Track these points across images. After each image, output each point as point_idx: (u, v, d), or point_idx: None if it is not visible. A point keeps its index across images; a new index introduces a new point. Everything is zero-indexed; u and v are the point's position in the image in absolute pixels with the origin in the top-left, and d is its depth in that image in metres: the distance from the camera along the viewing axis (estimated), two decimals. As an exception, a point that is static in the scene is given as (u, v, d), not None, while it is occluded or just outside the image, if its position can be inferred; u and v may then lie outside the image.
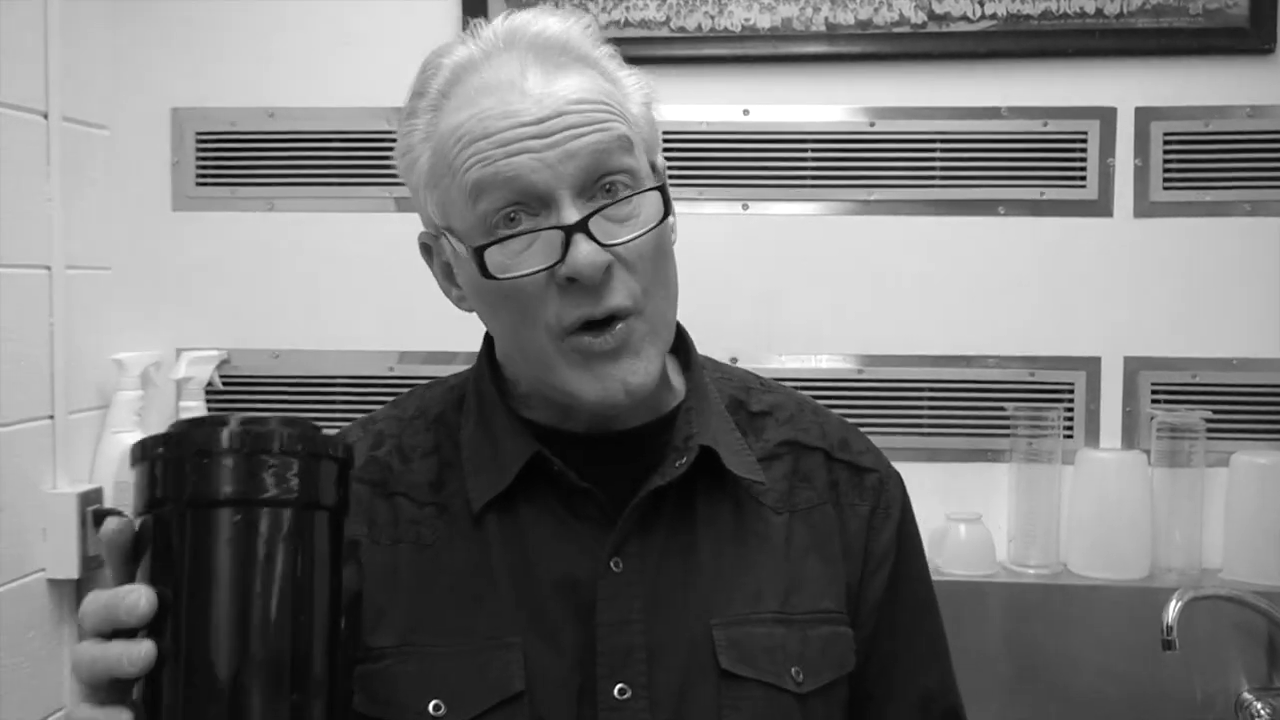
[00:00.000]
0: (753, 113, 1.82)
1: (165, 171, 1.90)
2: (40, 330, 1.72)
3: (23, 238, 1.68)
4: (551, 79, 0.86)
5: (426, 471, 0.96)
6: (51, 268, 1.73)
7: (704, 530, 0.94)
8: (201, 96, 1.90)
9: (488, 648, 0.89)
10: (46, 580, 1.73)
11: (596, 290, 0.85)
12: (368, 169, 1.88)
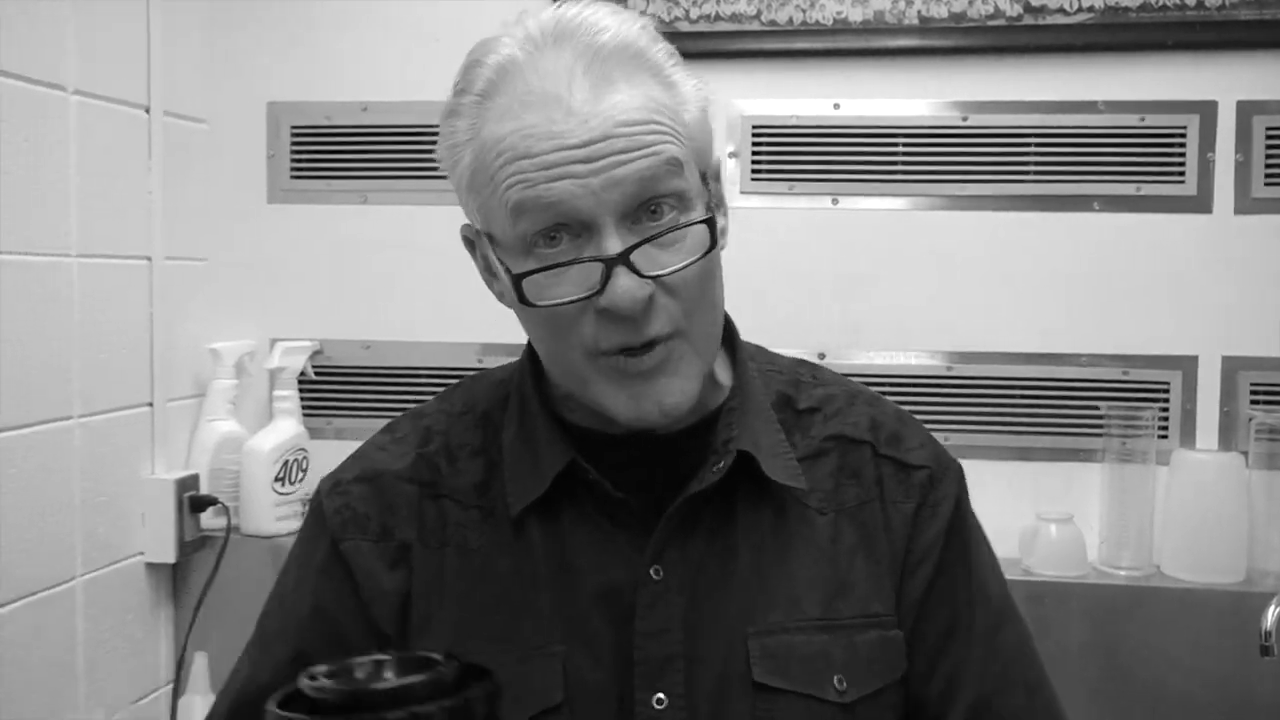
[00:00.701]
0: (843, 106, 1.81)
1: (261, 165, 1.93)
2: (140, 320, 1.76)
3: (125, 229, 1.73)
4: (600, 94, 0.81)
5: (473, 473, 0.95)
6: (151, 258, 1.78)
7: (744, 535, 0.92)
8: (297, 90, 1.93)
9: (530, 656, 0.88)
10: (145, 564, 1.77)
11: (635, 320, 0.83)
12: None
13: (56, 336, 1.58)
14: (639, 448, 0.92)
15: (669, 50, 0.88)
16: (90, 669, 1.66)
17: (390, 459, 0.97)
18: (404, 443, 0.98)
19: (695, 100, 0.87)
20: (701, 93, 0.89)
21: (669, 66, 0.87)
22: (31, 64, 1.53)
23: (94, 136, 1.65)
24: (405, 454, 0.97)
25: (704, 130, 0.89)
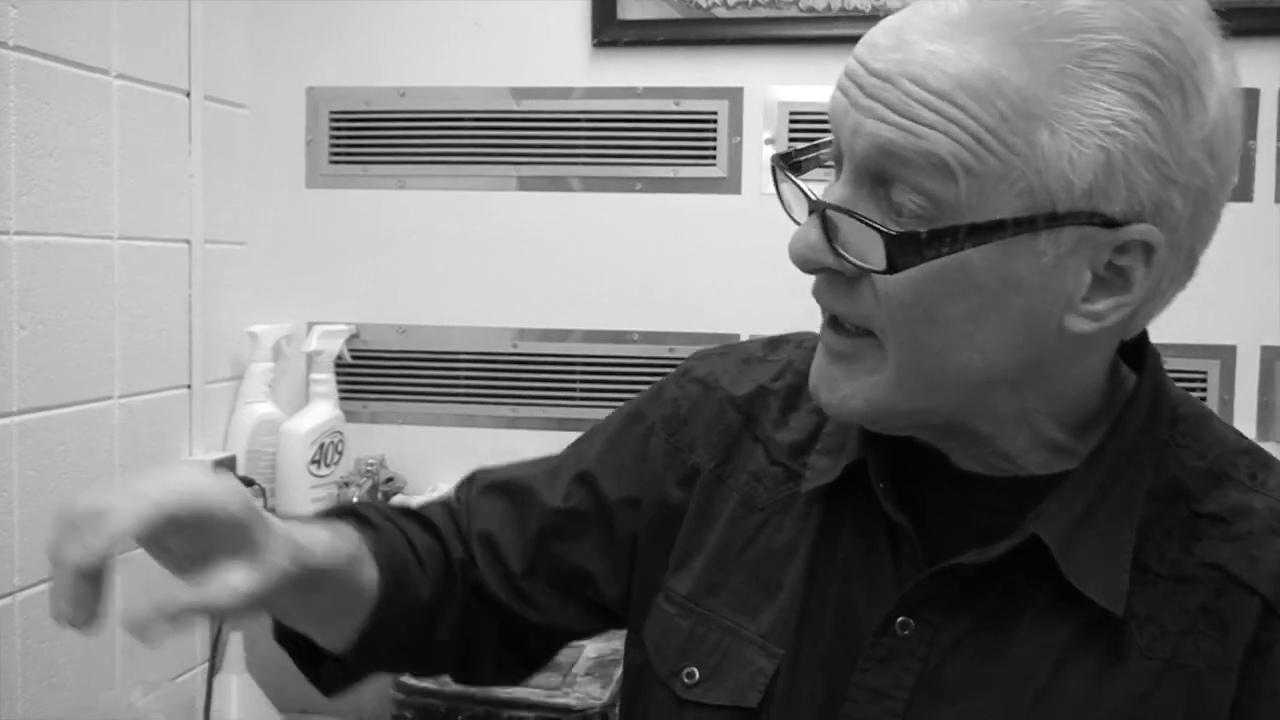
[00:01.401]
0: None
1: (300, 149, 1.95)
2: (180, 302, 1.78)
3: (165, 212, 1.75)
4: (923, 35, 0.66)
5: (799, 430, 0.84)
6: (191, 242, 1.80)
7: (1025, 636, 0.73)
8: (336, 76, 1.94)
9: (751, 642, 0.80)
10: (183, 543, 1.79)
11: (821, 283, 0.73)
12: (493, 148, 1.91)
13: (99, 317, 1.60)
14: (962, 485, 0.77)
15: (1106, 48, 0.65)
16: (128, 646, 1.68)
17: (735, 379, 0.89)
18: (760, 368, 0.89)
19: (1096, 125, 0.65)
20: (1111, 120, 0.65)
21: (1071, 68, 0.65)
22: (76, 47, 1.55)
23: (136, 120, 1.67)
24: (752, 381, 0.89)
25: (1084, 166, 0.65)
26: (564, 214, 1.90)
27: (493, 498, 0.91)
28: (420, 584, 0.83)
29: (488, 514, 0.90)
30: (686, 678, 0.81)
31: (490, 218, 1.92)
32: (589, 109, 1.87)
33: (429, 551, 0.86)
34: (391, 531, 0.84)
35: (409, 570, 0.83)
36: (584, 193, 1.89)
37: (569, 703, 1.40)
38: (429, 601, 0.84)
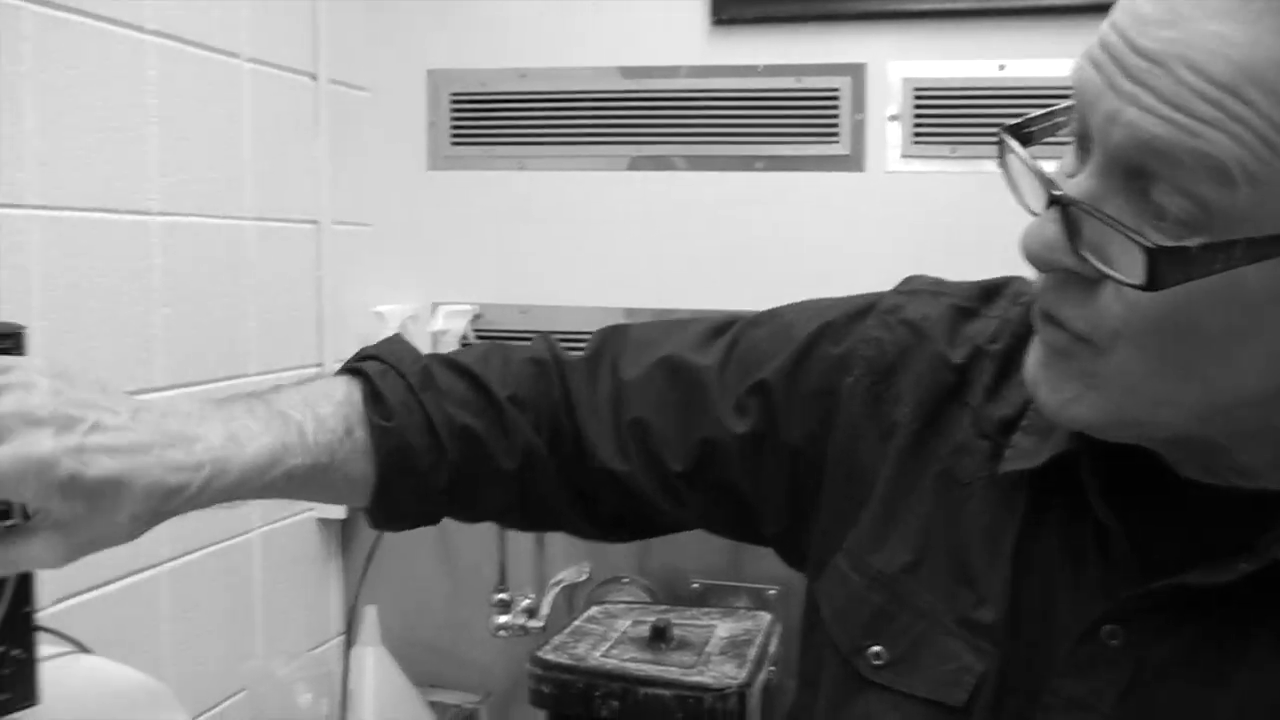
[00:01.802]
0: (1009, 68, 1.77)
1: (422, 131, 1.97)
2: (309, 282, 1.81)
3: (295, 194, 1.78)
4: (1212, 15, 0.56)
5: (1010, 403, 0.75)
6: (320, 222, 1.82)
7: (1254, 666, 0.65)
8: (456, 58, 1.96)
9: (957, 636, 0.73)
10: (316, 519, 1.83)
11: (1046, 280, 0.65)
12: (609, 128, 1.91)
13: (234, 297, 1.64)
14: (1181, 492, 0.70)
15: None
16: (268, 618, 1.72)
17: (949, 333, 0.80)
18: (975, 323, 0.80)
19: None
20: None
21: None
22: (209, 32, 1.58)
23: (265, 103, 1.70)
24: (968, 341, 0.79)
25: None
26: (681, 193, 1.89)
27: (656, 379, 0.84)
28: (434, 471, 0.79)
29: (645, 397, 0.84)
30: (874, 658, 0.75)
31: (607, 198, 1.92)
32: (707, 87, 1.87)
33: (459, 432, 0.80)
34: (410, 416, 0.78)
35: (417, 461, 0.78)
36: (702, 171, 1.88)
37: (705, 681, 1.40)
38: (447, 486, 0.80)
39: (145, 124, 1.46)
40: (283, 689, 1.52)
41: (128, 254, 1.44)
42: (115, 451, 0.66)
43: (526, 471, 0.83)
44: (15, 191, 1.27)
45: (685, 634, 1.57)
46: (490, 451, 0.81)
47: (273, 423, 0.74)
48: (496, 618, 1.77)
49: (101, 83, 1.39)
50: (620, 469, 0.84)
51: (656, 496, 0.85)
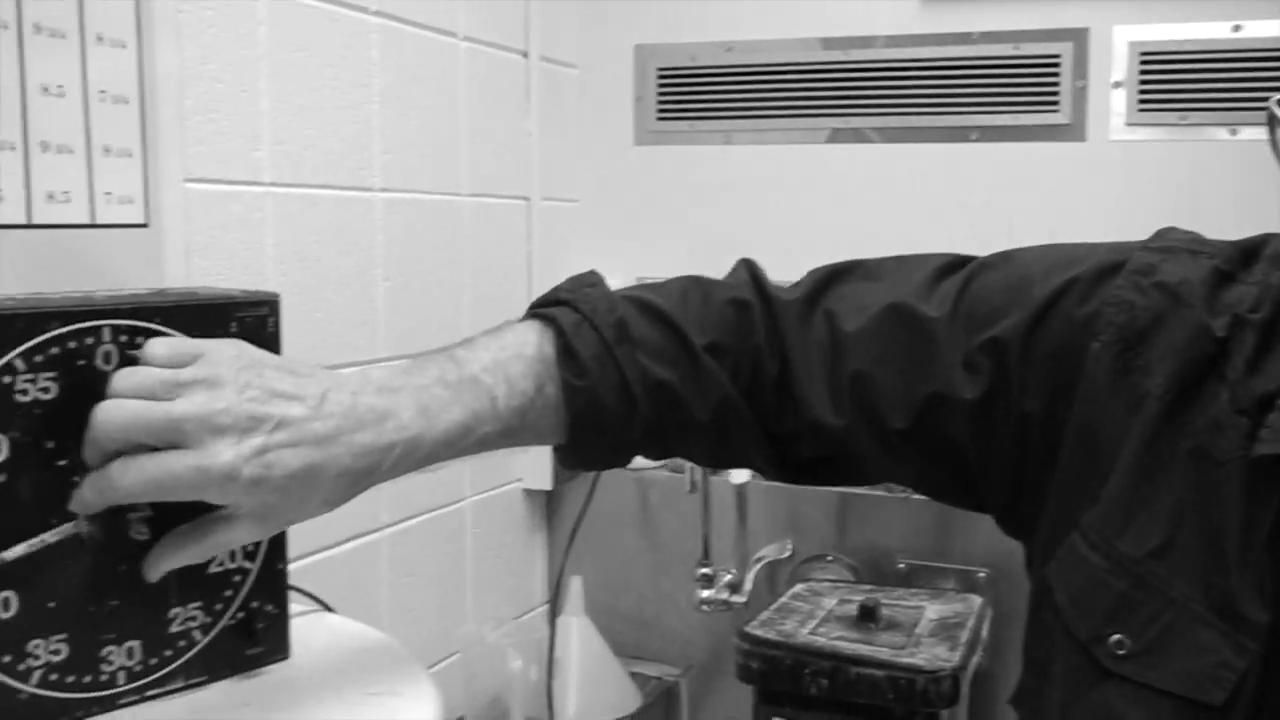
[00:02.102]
0: (1245, 29, 1.68)
1: (628, 107, 1.98)
2: (520, 257, 1.84)
3: (507, 170, 1.81)
4: None
5: (1273, 377, 0.70)
6: (530, 199, 1.85)
7: None
8: (663, 33, 1.96)
9: (1215, 628, 0.69)
10: (522, 490, 1.87)
11: None
12: (819, 100, 1.89)
13: (449, 271, 1.68)
14: None
15: None
16: (476, 585, 1.76)
17: (1209, 299, 0.73)
18: (1234, 289, 0.74)
19: None
20: None
21: None
22: (427, 11, 1.61)
23: (480, 81, 1.73)
24: (1227, 309, 0.73)
25: None
26: (888, 165, 1.85)
27: (879, 329, 0.79)
28: (626, 427, 0.78)
29: (866, 348, 0.79)
30: (1115, 647, 0.71)
31: (817, 171, 1.90)
32: (915, 57, 1.82)
33: (654, 389, 0.78)
34: (604, 373, 0.76)
35: (608, 419, 0.77)
36: (913, 144, 1.84)
37: (917, 663, 1.37)
38: (639, 440, 0.79)
39: (369, 103, 1.50)
40: (494, 654, 1.55)
41: (352, 229, 1.49)
42: (301, 446, 0.67)
43: (720, 422, 0.80)
44: (252, 169, 1.33)
45: (894, 614, 1.54)
46: (684, 404, 0.79)
47: (464, 390, 0.74)
48: (700, 592, 1.78)
49: (329, 64, 1.43)
50: (833, 422, 0.79)
51: (870, 452, 0.80)
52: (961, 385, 0.76)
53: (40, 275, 1.08)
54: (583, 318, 0.78)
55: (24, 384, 0.68)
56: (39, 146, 1.08)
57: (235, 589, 0.79)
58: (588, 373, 0.76)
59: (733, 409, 0.80)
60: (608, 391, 0.77)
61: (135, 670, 0.75)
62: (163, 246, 1.21)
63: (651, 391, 0.77)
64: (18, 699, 0.70)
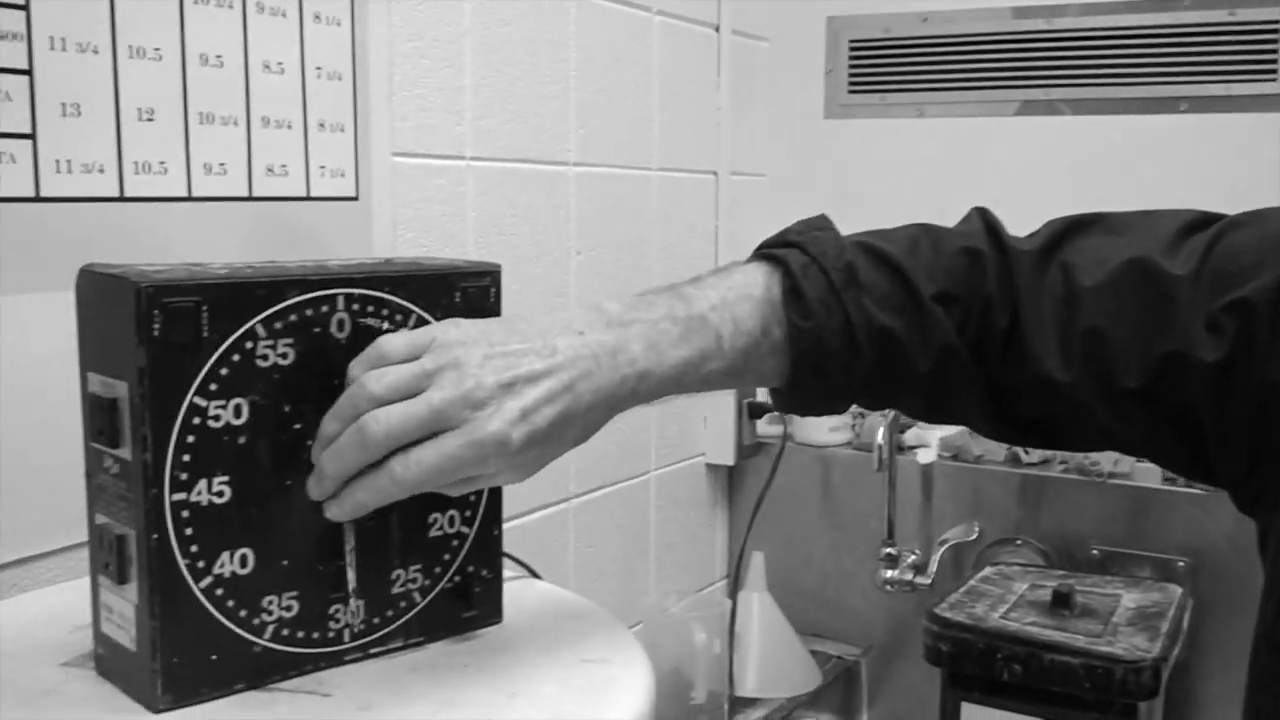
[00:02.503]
0: None
1: (819, 80, 1.96)
2: (707, 232, 1.84)
3: (696, 145, 1.81)
4: None
5: None
6: (718, 173, 1.85)
7: None
8: (855, 3, 1.93)
9: None
10: (705, 464, 1.87)
11: None
12: (1017, 70, 1.83)
13: (638, 246, 1.69)
14: None
15: None
16: (659, 557, 1.78)
17: None
18: None
19: None
20: None
21: None
22: (623, -13, 1.63)
23: (672, 55, 1.73)
24: None
25: None
26: (1096, 138, 1.79)
27: (1117, 285, 0.76)
28: (849, 373, 0.77)
29: (1103, 304, 0.76)
30: None
31: (1014, 145, 1.85)
32: (1125, 24, 1.75)
33: (877, 335, 0.76)
34: (830, 316, 0.76)
35: (830, 363, 0.76)
36: (1112, 115, 1.77)
37: (1116, 652, 1.33)
38: (859, 387, 0.78)
39: (566, 78, 1.52)
40: (678, 626, 1.56)
41: (547, 203, 1.51)
42: (553, 398, 0.70)
43: (941, 373, 0.79)
44: (455, 144, 1.35)
45: (1088, 601, 1.50)
46: (907, 353, 0.78)
47: (692, 328, 0.76)
48: (884, 572, 1.76)
49: (529, 40, 1.45)
50: (1061, 379, 0.76)
51: (1099, 411, 0.77)
52: (1202, 346, 0.72)
53: (257, 246, 1.12)
54: (811, 260, 0.78)
55: (264, 349, 0.71)
56: (260, 122, 1.12)
57: (453, 553, 0.81)
58: (813, 314, 0.76)
59: (955, 360, 0.78)
60: (832, 335, 0.76)
61: (358, 629, 0.78)
62: (371, 219, 1.25)
63: (875, 337, 0.77)
64: (252, 651, 0.73)
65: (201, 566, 0.70)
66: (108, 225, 1.00)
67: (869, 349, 0.77)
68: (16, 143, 0.94)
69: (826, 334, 0.76)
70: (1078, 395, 0.77)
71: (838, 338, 0.76)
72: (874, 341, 0.77)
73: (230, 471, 0.70)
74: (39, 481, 0.96)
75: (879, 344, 0.77)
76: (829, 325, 0.76)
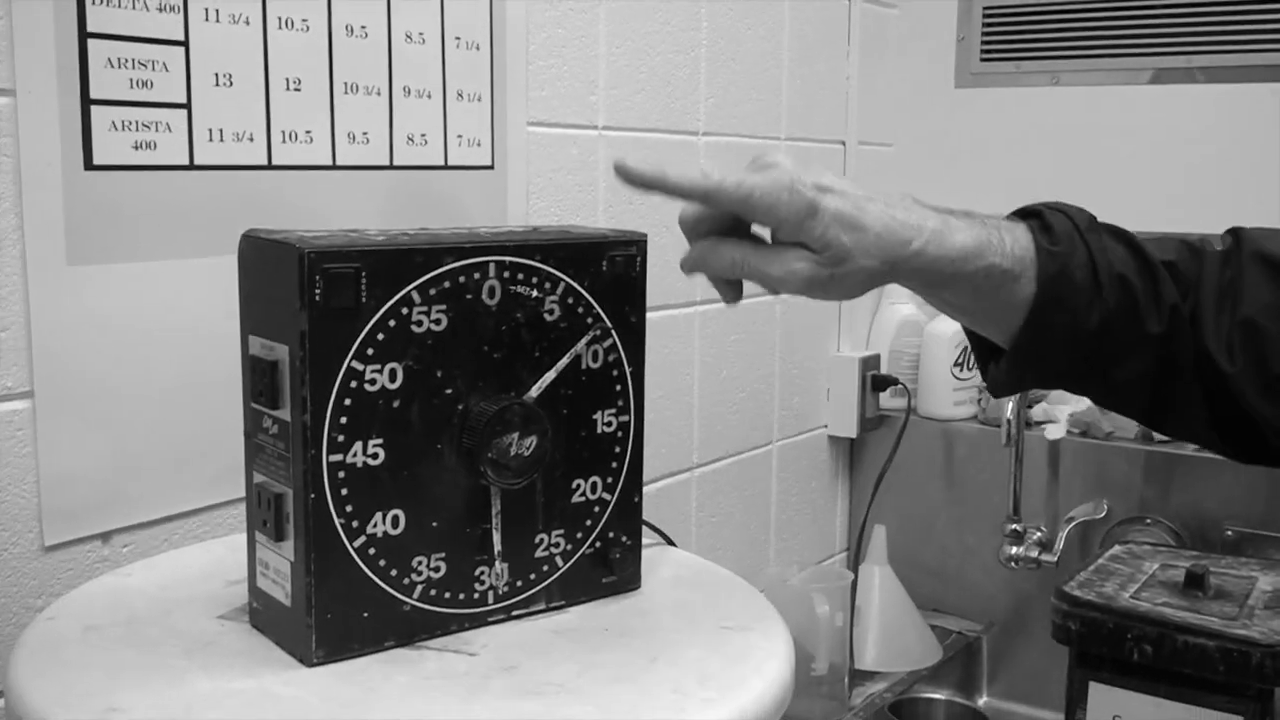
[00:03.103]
0: None
1: (950, 49, 1.92)
2: (832, 202, 1.83)
3: (824, 113, 1.79)
4: None
5: None
6: (846, 142, 1.83)
7: None
8: (989, -29, 1.89)
9: None
10: (827, 436, 1.87)
11: None
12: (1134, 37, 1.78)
13: (765, 216, 1.68)
14: None
15: None
16: (780, 528, 1.78)
17: None
18: None
19: None
20: None
21: None
22: (754, -45, 1.61)
23: (802, 23, 1.72)
24: None
25: None
26: (1232, 107, 1.74)
27: (1268, 278, 0.80)
28: (1089, 310, 0.78)
29: (1257, 296, 0.80)
30: None
31: (1149, 114, 1.80)
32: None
33: (1117, 280, 0.79)
34: (1074, 250, 0.78)
35: (1074, 296, 0.78)
36: (1259, 83, 1.71)
37: (1252, 635, 1.30)
38: (1095, 332, 0.78)
39: (697, 47, 1.52)
40: (798, 597, 1.56)
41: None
42: (846, 198, 0.74)
43: (1168, 339, 0.80)
44: (588, 113, 1.36)
45: (1222, 583, 1.46)
46: (1141, 309, 0.79)
47: (975, 225, 0.78)
48: (1008, 548, 1.74)
49: (660, 8, 1.45)
50: (1225, 368, 0.79)
51: (1258, 401, 0.79)
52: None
53: (397, 213, 1.14)
54: (1055, 210, 0.81)
55: (419, 315, 0.72)
56: (401, 92, 1.14)
57: (595, 519, 0.82)
58: (1061, 243, 0.78)
59: (1181, 328, 0.80)
60: (1078, 268, 0.78)
61: (502, 591, 0.79)
62: (506, 187, 1.26)
63: (1115, 283, 0.78)
64: (401, 610, 0.75)
65: (355, 526, 0.72)
66: (256, 193, 1.03)
67: (1109, 292, 0.78)
68: (173, 112, 0.97)
69: (1073, 266, 0.78)
70: (1239, 387, 0.79)
71: (1083, 272, 0.78)
72: (1114, 286, 0.78)
73: (385, 434, 0.72)
74: (189, 442, 1.00)
75: (1118, 291, 0.79)
76: (1075, 259, 0.78)
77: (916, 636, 1.78)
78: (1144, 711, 1.37)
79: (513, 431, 0.76)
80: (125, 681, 0.70)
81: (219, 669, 0.72)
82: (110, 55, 0.92)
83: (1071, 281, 0.77)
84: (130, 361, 0.96)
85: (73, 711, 0.66)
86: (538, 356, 0.78)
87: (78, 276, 0.92)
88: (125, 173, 0.94)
